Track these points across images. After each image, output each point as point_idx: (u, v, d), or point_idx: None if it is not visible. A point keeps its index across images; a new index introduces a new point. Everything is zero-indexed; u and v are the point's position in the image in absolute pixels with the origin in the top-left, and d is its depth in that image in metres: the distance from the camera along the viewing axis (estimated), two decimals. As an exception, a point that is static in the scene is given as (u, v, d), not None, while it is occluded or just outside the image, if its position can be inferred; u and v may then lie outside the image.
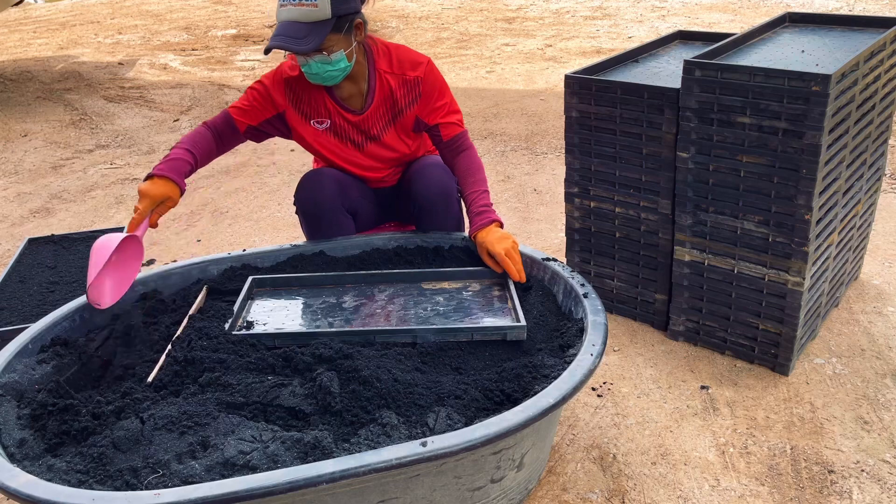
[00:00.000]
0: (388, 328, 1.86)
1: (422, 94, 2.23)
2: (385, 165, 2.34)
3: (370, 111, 2.22)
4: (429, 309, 1.99)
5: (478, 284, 2.11)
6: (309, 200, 2.27)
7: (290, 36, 1.98)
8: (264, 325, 1.92)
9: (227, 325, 1.86)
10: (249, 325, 1.91)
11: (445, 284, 2.12)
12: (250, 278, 2.09)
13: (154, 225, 2.03)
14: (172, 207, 2.05)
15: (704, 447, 1.97)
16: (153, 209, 2.00)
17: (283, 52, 2.04)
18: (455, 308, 1.99)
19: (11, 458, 1.46)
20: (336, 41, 2.03)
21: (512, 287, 2.00)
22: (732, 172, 2.11)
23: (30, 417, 1.59)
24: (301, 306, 2.03)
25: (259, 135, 2.27)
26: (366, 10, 2.15)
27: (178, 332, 1.82)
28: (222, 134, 2.22)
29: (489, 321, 1.91)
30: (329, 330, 1.87)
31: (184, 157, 2.08)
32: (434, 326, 1.85)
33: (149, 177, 2.02)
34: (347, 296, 2.08)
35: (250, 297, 2.06)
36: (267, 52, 2.01)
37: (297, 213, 2.35)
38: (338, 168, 2.33)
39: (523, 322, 1.85)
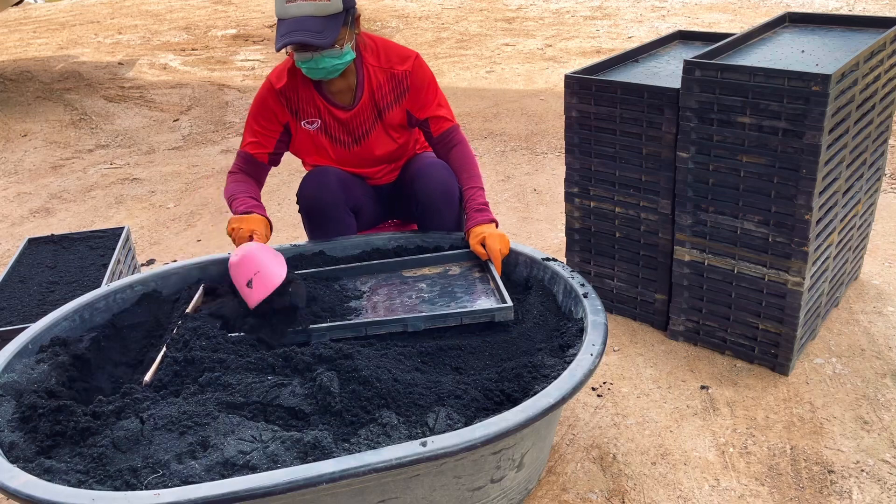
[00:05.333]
0: (378, 319, 1.86)
1: (409, 89, 2.22)
2: (375, 163, 2.34)
3: (360, 106, 2.21)
4: (414, 296, 2.00)
5: (458, 267, 2.12)
6: (313, 199, 2.27)
7: (307, 30, 1.97)
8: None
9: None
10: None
11: (426, 270, 2.13)
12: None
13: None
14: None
15: (704, 447, 1.97)
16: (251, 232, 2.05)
17: (279, 51, 2.03)
18: (440, 293, 2.00)
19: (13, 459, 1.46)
20: (345, 34, 2.04)
21: (493, 269, 2.02)
22: (732, 172, 2.11)
23: (26, 418, 1.59)
24: None
25: (277, 157, 2.32)
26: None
27: (174, 332, 1.82)
28: (252, 172, 2.27)
29: (476, 304, 1.92)
30: (321, 325, 1.87)
31: (255, 203, 2.16)
32: (424, 314, 1.86)
33: (244, 213, 2.10)
34: None
35: None
36: (280, 48, 1.98)
37: (299, 211, 2.34)
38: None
39: (510, 303, 1.86)
